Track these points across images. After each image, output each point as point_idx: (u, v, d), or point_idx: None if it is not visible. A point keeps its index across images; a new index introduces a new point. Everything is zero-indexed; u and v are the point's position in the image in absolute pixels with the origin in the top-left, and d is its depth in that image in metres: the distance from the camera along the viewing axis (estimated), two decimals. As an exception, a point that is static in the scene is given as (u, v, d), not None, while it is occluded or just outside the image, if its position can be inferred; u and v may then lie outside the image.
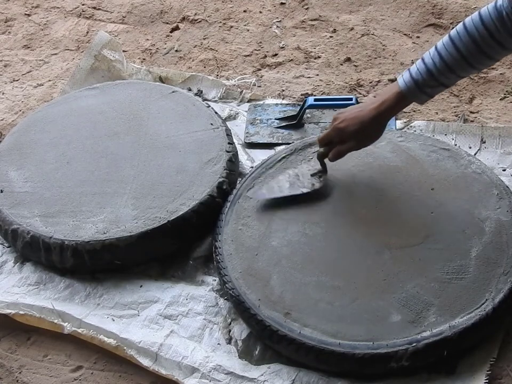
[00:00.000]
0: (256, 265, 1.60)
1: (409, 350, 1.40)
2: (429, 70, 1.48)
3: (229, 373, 1.48)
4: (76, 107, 2.09)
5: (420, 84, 1.50)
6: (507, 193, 1.67)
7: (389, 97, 1.55)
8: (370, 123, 1.58)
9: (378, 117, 1.57)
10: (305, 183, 1.72)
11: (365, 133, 1.60)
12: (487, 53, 1.44)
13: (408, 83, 1.51)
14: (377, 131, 1.61)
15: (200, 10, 2.69)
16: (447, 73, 1.48)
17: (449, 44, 1.46)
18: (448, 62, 1.46)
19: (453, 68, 1.47)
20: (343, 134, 1.62)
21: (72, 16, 2.75)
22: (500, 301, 1.46)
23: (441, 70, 1.47)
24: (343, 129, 1.61)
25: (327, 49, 2.41)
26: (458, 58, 1.45)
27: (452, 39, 1.46)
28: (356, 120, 1.59)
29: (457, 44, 1.45)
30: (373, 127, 1.59)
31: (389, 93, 1.56)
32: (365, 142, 1.64)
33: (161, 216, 1.71)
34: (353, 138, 1.61)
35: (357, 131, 1.59)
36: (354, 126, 1.59)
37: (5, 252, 1.81)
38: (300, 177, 1.73)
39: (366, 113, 1.58)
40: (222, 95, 2.23)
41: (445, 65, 1.47)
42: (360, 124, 1.58)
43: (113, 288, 1.68)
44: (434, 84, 1.50)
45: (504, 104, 2.10)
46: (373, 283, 1.53)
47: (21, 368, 1.58)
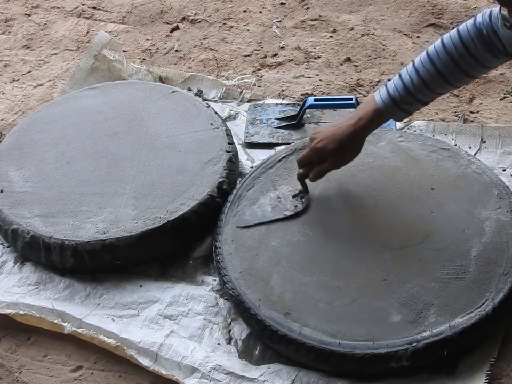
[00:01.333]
0: (256, 265, 1.60)
1: (409, 350, 1.40)
2: (406, 87, 1.47)
3: (229, 373, 1.48)
4: (75, 107, 2.09)
5: (396, 101, 1.49)
6: (507, 193, 1.67)
7: (365, 113, 1.53)
8: (348, 141, 1.56)
9: (355, 134, 1.55)
10: (288, 205, 1.70)
11: (343, 151, 1.58)
12: (465, 70, 1.44)
13: (385, 100, 1.50)
14: (355, 148, 1.59)
15: (200, 10, 2.69)
16: (424, 90, 1.47)
17: (426, 61, 1.45)
18: (425, 78, 1.46)
19: (430, 85, 1.46)
20: (321, 153, 1.59)
21: (72, 16, 2.75)
22: (500, 301, 1.46)
23: (418, 86, 1.47)
24: (321, 148, 1.59)
25: (327, 49, 2.41)
26: (435, 75, 1.45)
27: (429, 55, 1.45)
28: (333, 138, 1.57)
29: (434, 61, 1.44)
30: (351, 144, 1.58)
31: (365, 109, 1.54)
32: (344, 160, 1.62)
33: (161, 216, 1.71)
34: (332, 157, 1.59)
35: (335, 149, 1.57)
36: (332, 145, 1.57)
37: (5, 252, 1.81)
38: (282, 199, 1.71)
39: (343, 131, 1.56)
40: (222, 95, 2.23)
41: (422, 82, 1.46)
42: (337, 142, 1.56)
43: (113, 288, 1.68)
44: (411, 101, 1.49)
45: (504, 104, 2.10)
46: (373, 283, 1.53)
47: (21, 368, 1.58)
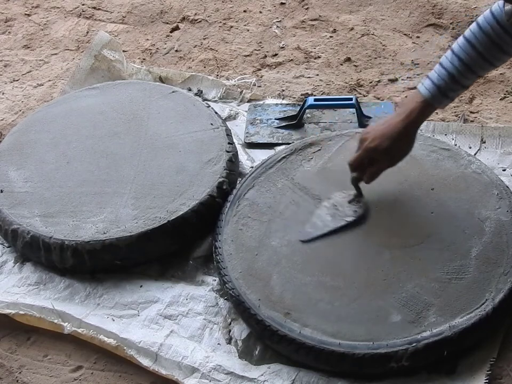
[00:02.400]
0: (256, 265, 1.60)
1: (409, 350, 1.40)
2: (450, 74, 1.49)
3: (229, 373, 1.48)
4: (76, 107, 2.09)
5: (442, 89, 1.50)
6: (507, 193, 1.67)
7: (414, 107, 1.53)
8: (400, 137, 1.54)
9: (407, 129, 1.54)
10: (346, 211, 1.67)
11: (396, 148, 1.56)
12: (503, 48, 1.46)
13: (431, 90, 1.51)
14: (408, 144, 1.58)
15: (200, 10, 2.69)
16: (467, 74, 1.49)
17: (465, 45, 1.48)
18: (467, 62, 1.48)
19: (472, 68, 1.48)
20: (375, 153, 1.58)
21: (72, 16, 2.75)
22: (500, 301, 1.46)
23: (462, 71, 1.48)
24: (374, 148, 1.57)
25: (327, 49, 2.41)
26: (476, 57, 1.47)
27: (467, 39, 1.48)
28: (385, 136, 1.55)
29: (473, 43, 1.46)
30: (404, 140, 1.56)
31: (413, 103, 1.54)
32: (398, 157, 1.59)
33: (161, 216, 1.71)
34: (386, 156, 1.57)
35: (389, 147, 1.55)
36: (385, 143, 1.55)
37: (5, 252, 1.81)
38: (338, 207, 1.68)
39: (394, 127, 1.54)
40: (222, 95, 2.23)
41: (464, 66, 1.48)
42: (390, 139, 1.54)
43: (113, 288, 1.68)
44: (456, 87, 1.51)
45: (504, 104, 2.10)
46: (373, 283, 1.53)
47: (21, 368, 1.58)
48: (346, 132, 1.91)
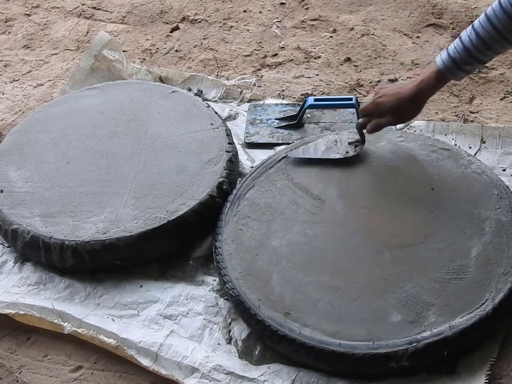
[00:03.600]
0: (256, 265, 1.60)
1: (409, 350, 1.40)
2: (466, 48, 1.52)
3: (229, 373, 1.48)
4: (76, 107, 2.09)
5: (458, 62, 1.54)
6: (507, 193, 1.67)
7: (428, 76, 1.60)
8: (407, 100, 1.63)
9: (416, 94, 1.62)
10: (341, 149, 1.78)
11: (402, 109, 1.66)
12: None
13: (446, 62, 1.55)
14: (414, 109, 1.66)
15: (200, 10, 2.69)
16: (484, 50, 1.51)
17: (485, 21, 1.49)
18: (485, 39, 1.49)
19: (490, 45, 1.50)
20: (381, 108, 1.68)
21: (72, 16, 2.75)
22: (500, 301, 1.46)
23: (479, 47, 1.51)
24: (381, 103, 1.68)
25: (327, 49, 2.41)
26: (495, 35, 1.48)
27: (487, 16, 1.49)
28: (395, 96, 1.65)
29: (493, 21, 1.48)
30: (410, 104, 1.64)
31: (427, 72, 1.61)
32: (402, 119, 1.71)
33: (161, 216, 1.71)
34: (390, 113, 1.67)
35: (394, 107, 1.65)
36: (392, 102, 1.65)
37: (5, 252, 1.81)
38: (338, 143, 1.80)
39: (405, 90, 1.64)
40: (222, 95, 2.23)
41: (482, 42, 1.50)
42: (398, 100, 1.64)
43: (113, 288, 1.68)
44: (471, 61, 1.54)
45: (504, 104, 2.10)
46: (373, 283, 1.53)
47: (21, 368, 1.58)
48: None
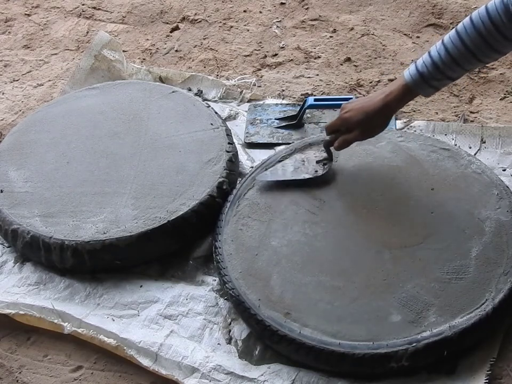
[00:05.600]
0: (256, 265, 1.60)
1: (409, 350, 1.40)
2: (435, 63, 1.50)
3: (229, 373, 1.48)
4: (76, 107, 2.09)
5: (425, 77, 1.52)
6: (507, 193, 1.67)
7: (395, 89, 1.57)
8: (375, 114, 1.60)
9: (383, 108, 1.59)
10: (309, 169, 1.75)
11: (369, 123, 1.63)
12: (493, 46, 1.46)
13: (414, 76, 1.53)
14: (382, 123, 1.64)
15: (200, 10, 2.69)
16: (452, 66, 1.50)
17: (455, 38, 1.48)
18: (453, 55, 1.48)
19: (459, 61, 1.49)
20: (348, 123, 1.65)
21: (72, 16, 2.75)
22: (500, 301, 1.46)
23: (447, 63, 1.49)
24: (348, 119, 1.64)
25: (327, 49, 2.41)
26: (464, 52, 1.47)
27: (458, 32, 1.48)
28: (361, 110, 1.62)
29: (463, 37, 1.46)
30: (378, 118, 1.62)
31: (395, 85, 1.58)
32: (370, 133, 1.66)
33: (161, 216, 1.71)
34: (358, 129, 1.64)
35: (362, 121, 1.62)
36: (359, 116, 1.62)
37: (5, 252, 1.81)
38: (306, 162, 1.76)
39: (372, 104, 1.61)
40: (222, 95, 2.23)
41: (450, 58, 1.48)
42: (365, 114, 1.61)
43: (113, 288, 1.68)
44: (440, 77, 1.52)
45: (504, 104, 2.10)
46: (373, 283, 1.53)
47: (21, 368, 1.58)
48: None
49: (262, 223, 1.69)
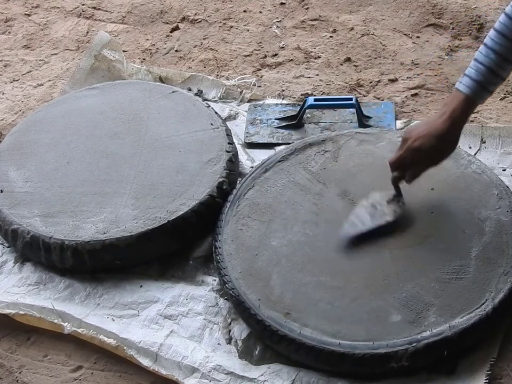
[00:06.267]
0: (256, 265, 1.60)
1: (409, 350, 1.40)
2: (489, 68, 1.49)
3: (229, 373, 1.48)
4: (76, 107, 2.09)
5: (483, 84, 1.50)
6: (507, 193, 1.67)
7: (457, 105, 1.51)
8: (445, 136, 1.52)
9: (451, 128, 1.52)
10: (386, 210, 1.64)
11: (441, 147, 1.54)
12: None
13: (472, 86, 1.50)
14: (454, 142, 1.55)
15: (200, 10, 2.69)
16: (505, 65, 1.49)
17: (497, 37, 1.48)
18: (502, 53, 1.47)
19: (509, 58, 1.48)
20: (419, 153, 1.55)
21: (72, 16, 2.75)
22: (500, 301, 1.46)
23: (499, 63, 1.48)
24: (419, 148, 1.54)
25: (327, 49, 2.41)
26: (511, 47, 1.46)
27: (498, 31, 1.48)
28: (431, 136, 1.52)
29: (505, 33, 1.46)
30: (448, 139, 1.54)
31: (454, 102, 1.52)
32: (442, 157, 1.57)
33: (161, 216, 1.71)
34: (430, 155, 1.55)
35: (434, 147, 1.53)
36: (429, 143, 1.52)
37: (5, 252, 1.81)
38: (377, 206, 1.65)
39: (440, 126, 1.52)
40: (222, 95, 2.23)
41: (500, 58, 1.48)
42: (436, 138, 1.52)
43: (113, 288, 1.68)
44: (495, 80, 1.51)
45: (504, 104, 2.10)
46: (373, 283, 1.53)
47: (21, 368, 1.58)
48: (346, 132, 1.91)
49: (262, 223, 1.69)
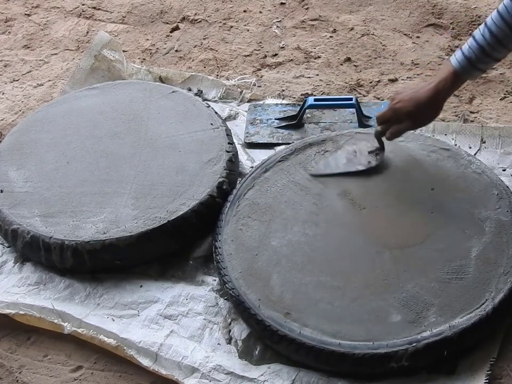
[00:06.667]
0: (256, 265, 1.60)
1: (409, 350, 1.40)
2: (481, 46, 1.51)
3: (229, 373, 1.48)
4: (76, 107, 2.09)
5: (473, 61, 1.53)
6: (507, 193, 1.67)
7: (444, 77, 1.58)
8: (426, 103, 1.61)
9: (434, 97, 1.60)
10: (362, 160, 1.75)
11: (421, 113, 1.64)
12: None
13: (462, 61, 1.54)
14: (434, 111, 1.64)
15: (200, 10, 2.69)
16: (498, 47, 1.51)
17: (498, 18, 1.49)
18: (498, 35, 1.49)
19: (503, 41, 1.50)
20: (399, 114, 1.66)
21: (72, 16, 2.75)
22: (500, 301, 1.46)
23: (492, 45, 1.50)
24: (399, 109, 1.65)
25: (327, 49, 2.41)
26: (508, 31, 1.48)
27: (500, 13, 1.49)
28: (412, 100, 1.62)
29: (505, 17, 1.47)
30: (429, 107, 1.62)
31: (443, 73, 1.59)
32: (421, 122, 1.68)
33: (161, 216, 1.71)
34: (409, 119, 1.65)
35: (413, 111, 1.63)
36: (410, 107, 1.63)
37: (5, 252, 1.81)
38: (358, 154, 1.76)
39: (422, 93, 1.61)
40: (222, 95, 2.23)
41: (495, 39, 1.49)
42: (416, 104, 1.62)
43: (113, 288, 1.68)
44: (486, 60, 1.53)
45: (504, 104, 2.10)
46: (373, 283, 1.53)
47: (21, 368, 1.58)
48: (346, 132, 1.91)
49: (262, 223, 1.69)
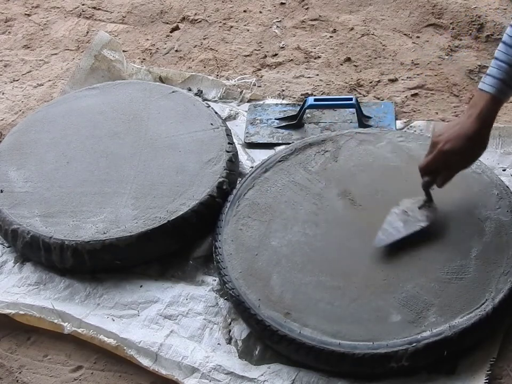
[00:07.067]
0: (256, 265, 1.60)
1: (409, 350, 1.40)
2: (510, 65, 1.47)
3: (229, 373, 1.48)
4: (76, 107, 2.09)
5: (507, 81, 1.49)
6: (507, 193, 1.67)
7: (484, 105, 1.50)
8: (476, 136, 1.51)
9: (482, 127, 1.51)
10: (418, 217, 1.63)
11: (472, 148, 1.53)
12: None
13: (495, 85, 1.49)
14: (484, 142, 1.54)
15: (200, 10, 2.69)
16: None
17: None
18: None
19: None
20: (450, 156, 1.53)
21: (72, 16, 2.75)
22: (500, 301, 1.46)
23: None
24: (451, 149, 1.52)
25: (327, 49, 2.41)
26: None
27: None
28: (461, 137, 1.51)
29: None
30: (479, 140, 1.53)
31: (480, 102, 1.51)
32: (473, 158, 1.57)
33: (161, 216, 1.71)
34: (461, 158, 1.54)
35: (466, 148, 1.52)
36: (461, 144, 1.51)
37: (5, 252, 1.81)
38: (409, 212, 1.64)
39: (469, 127, 1.51)
40: (222, 95, 2.23)
41: None
42: (467, 140, 1.51)
43: (113, 288, 1.68)
44: None
45: (504, 104, 2.10)
46: (373, 283, 1.53)
47: (21, 368, 1.58)
48: (346, 132, 1.91)
49: (262, 223, 1.69)
